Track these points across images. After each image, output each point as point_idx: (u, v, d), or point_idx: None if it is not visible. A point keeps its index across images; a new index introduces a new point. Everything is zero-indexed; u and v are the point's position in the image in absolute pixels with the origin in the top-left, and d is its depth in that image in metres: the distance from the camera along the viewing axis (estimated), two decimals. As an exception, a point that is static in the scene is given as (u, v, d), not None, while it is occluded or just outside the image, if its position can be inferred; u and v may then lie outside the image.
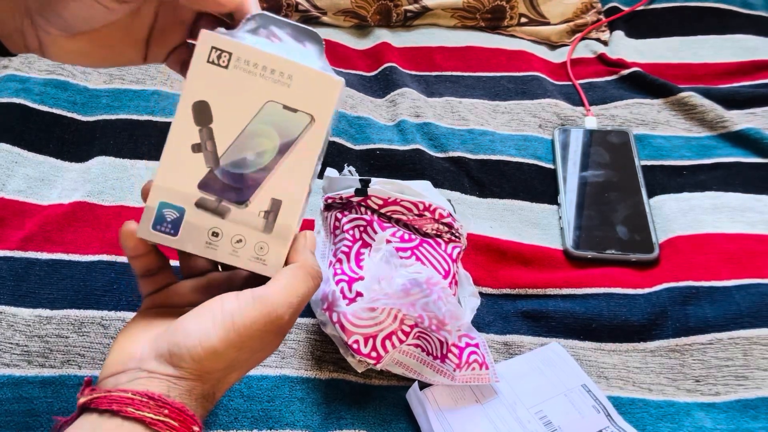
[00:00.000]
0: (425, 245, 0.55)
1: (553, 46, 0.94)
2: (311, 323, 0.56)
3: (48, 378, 0.50)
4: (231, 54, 0.36)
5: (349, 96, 0.78)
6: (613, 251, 0.65)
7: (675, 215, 0.68)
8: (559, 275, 0.63)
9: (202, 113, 0.36)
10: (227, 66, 0.36)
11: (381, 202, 0.56)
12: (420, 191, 0.56)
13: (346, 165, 0.66)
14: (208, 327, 0.34)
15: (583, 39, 0.93)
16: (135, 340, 0.36)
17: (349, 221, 0.56)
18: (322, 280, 0.39)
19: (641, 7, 0.98)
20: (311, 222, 0.63)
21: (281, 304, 0.35)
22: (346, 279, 0.52)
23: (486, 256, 0.64)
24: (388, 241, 0.54)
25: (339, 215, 0.57)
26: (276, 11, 0.88)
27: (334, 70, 0.37)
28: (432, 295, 0.50)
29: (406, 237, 0.55)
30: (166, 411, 0.33)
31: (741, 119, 0.79)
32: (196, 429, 0.33)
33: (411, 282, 0.50)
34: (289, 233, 0.37)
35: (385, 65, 0.84)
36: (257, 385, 0.51)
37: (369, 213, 0.56)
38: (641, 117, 0.80)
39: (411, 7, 0.92)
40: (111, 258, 0.59)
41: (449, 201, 0.59)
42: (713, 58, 0.90)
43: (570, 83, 0.86)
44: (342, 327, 0.49)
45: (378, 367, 0.50)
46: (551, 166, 0.74)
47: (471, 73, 0.86)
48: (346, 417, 0.51)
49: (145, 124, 0.71)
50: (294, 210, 0.37)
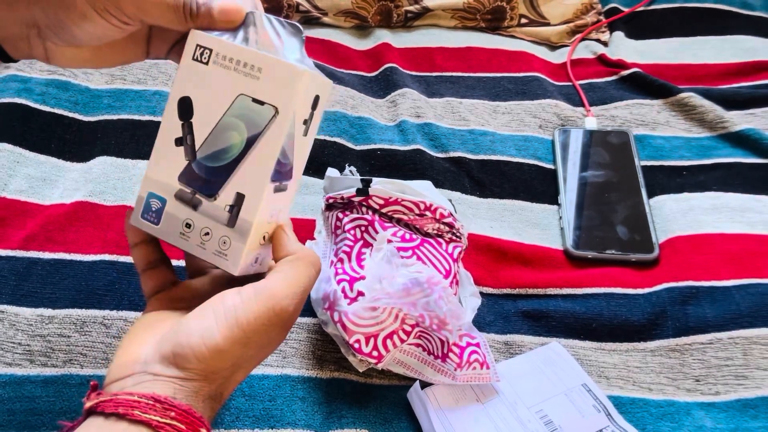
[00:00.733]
0: (426, 245, 0.55)
1: (554, 46, 0.94)
2: (312, 323, 0.56)
3: (50, 377, 0.50)
4: (211, 50, 0.37)
5: (350, 96, 0.79)
6: (614, 251, 0.65)
7: (675, 215, 0.68)
8: (560, 275, 0.63)
9: (184, 108, 0.37)
10: (208, 62, 0.37)
11: (382, 201, 0.56)
12: (421, 191, 0.57)
13: (347, 165, 0.66)
14: (210, 325, 0.34)
15: (583, 40, 0.94)
16: (139, 343, 0.36)
17: (351, 221, 0.56)
18: (320, 267, 0.39)
19: (641, 8, 0.99)
20: (312, 222, 0.64)
21: (285, 295, 0.35)
22: (347, 278, 0.52)
23: (486, 255, 0.64)
24: (389, 241, 0.54)
25: (340, 215, 0.57)
26: (277, 12, 0.88)
27: (334, 70, 0.37)
28: (433, 295, 0.50)
29: (407, 237, 0.55)
30: (172, 413, 0.32)
31: (741, 120, 0.79)
32: (203, 431, 0.33)
33: (412, 281, 0.50)
34: (249, 228, 0.37)
35: (386, 66, 0.84)
36: (259, 385, 0.52)
37: (370, 213, 0.56)
38: (641, 117, 0.80)
39: (411, 8, 0.92)
40: (113, 258, 0.59)
41: (450, 201, 0.59)
42: (713, 58, 0.91)
43: (570, 84, 0.86)
44: (343, 326, 0.49)
45: (379, 367, 0.50)
46: (551, 166, 0.74)
47: (471, 74, 0.86)
48: (347, 416, 0.51)
49: (147, 124, 0.71)
50: (255, 206, 0.37)
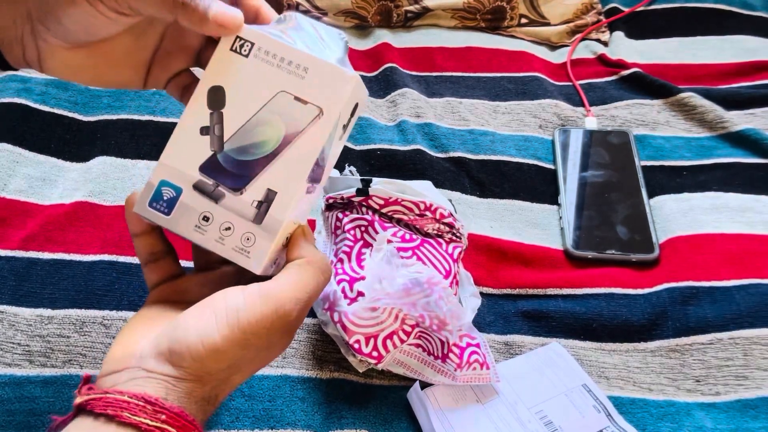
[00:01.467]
0: (426, 245, 0.55)
1: (554, 46, 0.94)
2: (312, 323, 0.56)
3: (49, 377, 0.50)
4: (253, 44, 0.36)
5: (350, 96, 0.78)
6: (614, 251, 0.65)
7: (675, 215, 0.68)
8: (560, 275, 0.63)
9: (215, 97, 0.37)
10: (248, 55, 0.36)
11: (382, 202, 0.56)
12: (421, 191, 0.57)
13: (347, 165, 0.66)
14: (210, 323, 0.33)
15: (583, 40, 0.94)
16: (137, 336, 0.35)
17: (351, 221, 0.56)
18: (331, 275, 0.38)
19: (641, 8, 0.98)
20: (312, 222, 0.64)
21: (289, 299, 0.34)
22: (347, 279, 0.52)
23: (486, 256, 0.64)
24: (389, 241, 0.54)
25: (340, 215, 0.57)
26: (276, 11, 0.88)
27: None
28: (433, 295, 0.50)
29: (407, 237, 0.55)
30: (163, 416, 0.31)
31: (741, 120, 0.79)
32: None
33: (412, 282, 0.50)
34: (278, 227, 0.36)
35: (386, 66, 0.84)
36: (258, 385, 0.52)
37: (370, 213, 0.56)
38: (641, 117, 0.80)
39: (411, 8, 0.92)
40: (112, 258, 0.59)
41: (450, 201, 0.59)
42: (713, 58, 0.91)
43: (570, 84, 0.86)
44: (343, 327, 0.49)
45: (379, 367, 0.50)
46: (551, 166, 0.74)
47: (471, 74, 0.86)
48: (347, 416, 0.51)
49: (146, 124, 0.71)
50: (286, 204, 0.36)
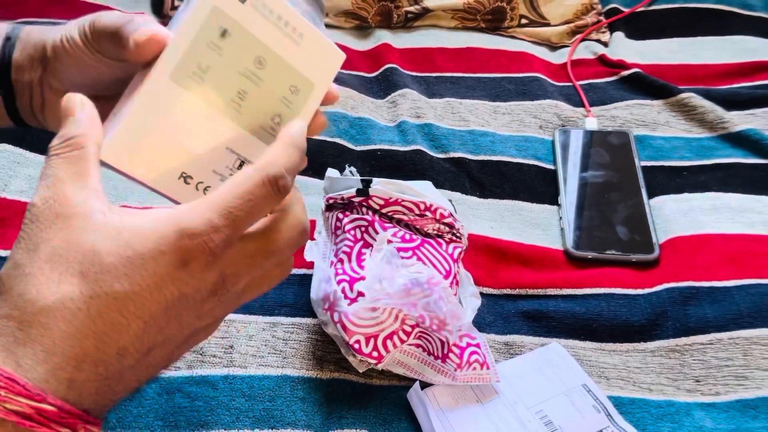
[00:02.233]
0: (426, 245, 0.56)
1: (554, 47, 0.94)
2: (312, 323, 0.56)
3: (50, 378, 0.50)
4: None
5: (350, 97, 0.79)
6: (614, 252, 0.65)
7: (675, 216, 0.68)
8: (560, 275, 0.63)
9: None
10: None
11: (382, 202, 0.56)
12: (421, 191, 0.57)
13: (347, 165, 0.66)
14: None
15: (584, 40, 0.94)
16: None
17: (351, 221, 0.56)
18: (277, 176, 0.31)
19: (641, 9, 0.99)
20: (312, 222, 0.64)
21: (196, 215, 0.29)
22: (347, 279, 0.52)
23: (486, 256, 0.64)
24: (389, 241, 0.54)
25: (340, 215, 0.57)
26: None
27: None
28: (433, 295, 0.50)
29: (407, 237, 0.55)
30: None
31: (741, 120, 0.79)
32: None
33: (412, 282, 0.50)
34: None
35: (386, 66, 0.84)
36: (258, 385, 0.52)
37: (370, 213, 0.56)
38: (641, 118, 0.80)
39: (411, 9, 0.92)
40: (113, 258, 0.59)
41: (450, 201, 0.59)
42: (713, 59, 0.91)
43: (570, 84, 0.86)
44: (343, 327, 0.49)
45: (379, 367, 0.50)
46: (552, 166, 0.74)
47: (471, 74, 0.86)
48: (347, 417, 0.51)
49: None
50: None
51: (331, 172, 0.60)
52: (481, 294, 0.59)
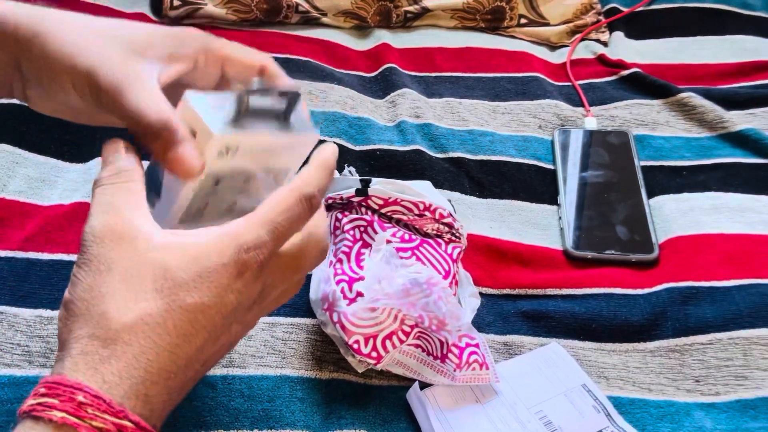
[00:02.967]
0: (425, 245, 0.55)
1: (553, 46, 0.94)
2: (311, 323, 0.56)
3: (49, 378, 0.50)
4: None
5: (349, 97, 0.78)
6: (613, 251, 0.65)
7: (675, 216, 0.68)
8: (559, 275, 0.63)
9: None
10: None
11: (381, 202, 0.56)
12: (420, 191, 0.57)
13: (346, 165, 0.66)
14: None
15: (583, 40, 0.94)
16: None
17: (350, 221, 0.56)
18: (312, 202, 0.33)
19: (641, 8, 0.98)
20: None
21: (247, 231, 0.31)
22: (346, 279, 0.52)
23: (486, 256, 0.64)
24: (388, 241, 0.54)
25: (339, 215, 0.57)
26: (276, 13, 0.88)
27: (333, 70, 0.37)
28: (432, 296, 0.50)
29: (406, 237, 0.55)
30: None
31: (741, 120, 0.79)
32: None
33: (411, 282, 0.50)
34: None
35: (385, 66, 0.84)
36: (257, 385, 0.52)
37: (369, 213, 0.56)
38: (641, 118, 0.80)
39: (411, 8, 0.92)
40: (112, 258, 0.59)
41: (449, 201, 0.59)
42: (713, 58, 0.91)
43: (570, 84, 0.86)
44: (342, 327, 0.49)
45: (378, 367, 0.50)
46: (551, 166, 0.74)
47: (471, 74, 0.86)
48: (346, 417, 0.51)
49: (146, 124, 0.71)
50: None
51: (331, 172, 0.60)
52: (481, 294, 0.59)
